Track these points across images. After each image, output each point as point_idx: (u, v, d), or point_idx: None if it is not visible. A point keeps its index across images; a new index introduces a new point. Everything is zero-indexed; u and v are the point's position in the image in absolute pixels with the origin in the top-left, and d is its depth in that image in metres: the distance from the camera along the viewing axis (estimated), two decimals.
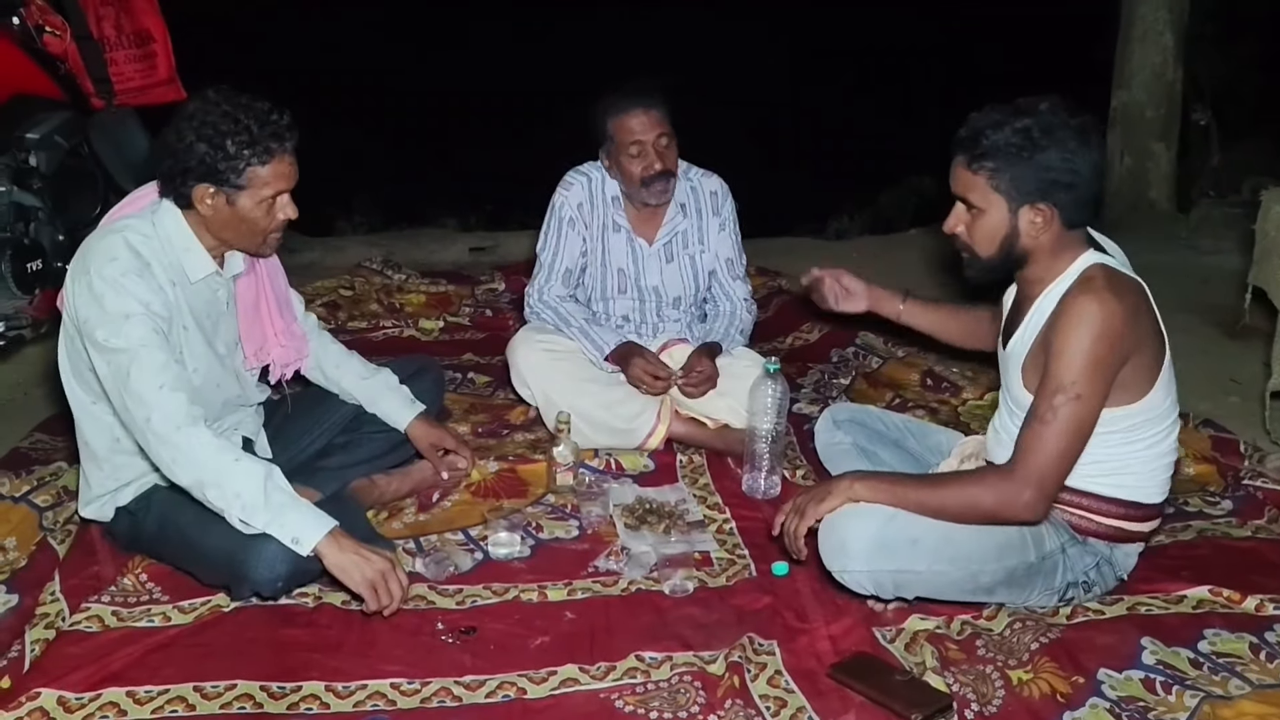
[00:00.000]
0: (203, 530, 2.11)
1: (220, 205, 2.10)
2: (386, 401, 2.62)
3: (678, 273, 3.08)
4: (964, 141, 1.99)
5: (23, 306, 3.35)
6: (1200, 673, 1.94)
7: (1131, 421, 2.01)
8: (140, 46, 3.80)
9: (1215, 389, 3.40)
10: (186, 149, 2.05)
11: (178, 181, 2.09)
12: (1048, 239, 1.98)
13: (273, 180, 2.11)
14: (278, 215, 2.16)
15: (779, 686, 1.94)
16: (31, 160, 3.43)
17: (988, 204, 1.99)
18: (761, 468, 2.68)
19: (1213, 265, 4.72)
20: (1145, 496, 2.09)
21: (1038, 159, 1.91)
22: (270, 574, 2.07)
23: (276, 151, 2.09)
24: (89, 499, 2.31)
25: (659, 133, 2.87)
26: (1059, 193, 1.93)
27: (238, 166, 2.06)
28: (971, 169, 1.98)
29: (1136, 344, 1.93)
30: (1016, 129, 1.92)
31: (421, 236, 5.37)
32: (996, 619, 2.10)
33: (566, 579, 2.32)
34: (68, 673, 1.93)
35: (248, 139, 2.05)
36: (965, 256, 2.10)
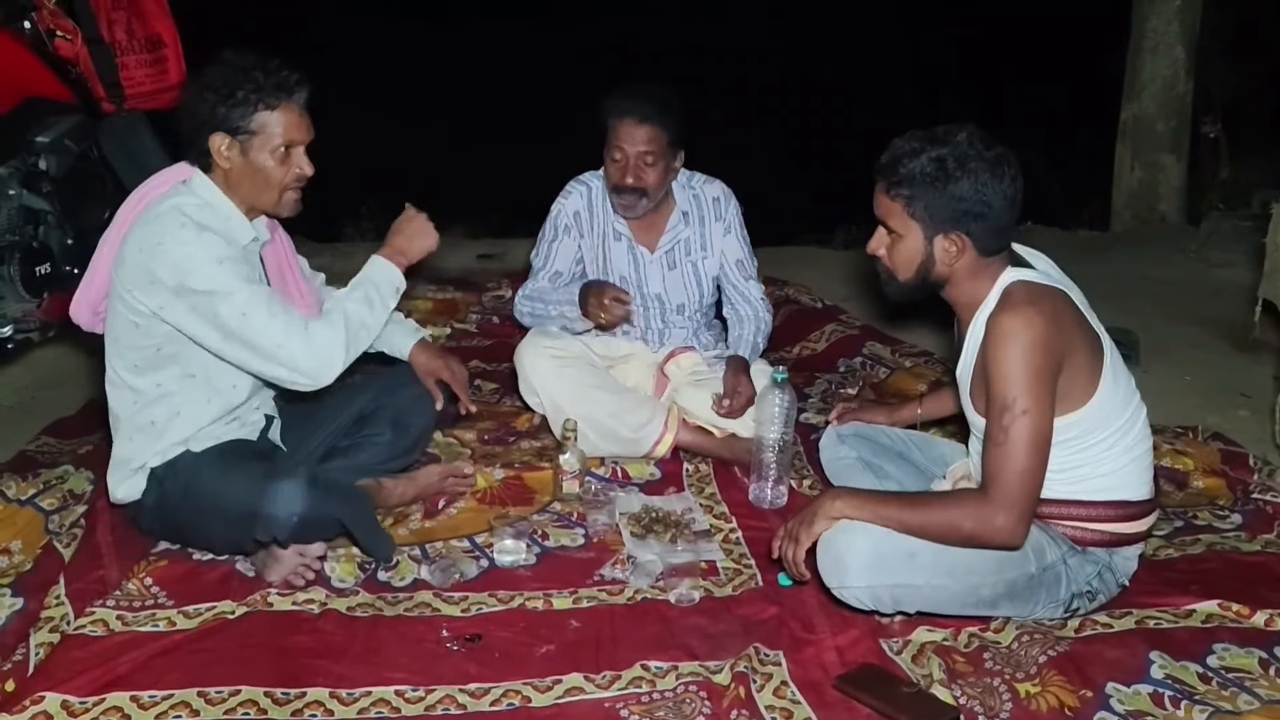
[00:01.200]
0: (226, 482, 2.20)
1: (235, 156, 2.20)
2: (389, 332, 2.62)
3: (680, 280, 3.06)
4: (883, 168, 2.02)
5: (31, 310, 3.37)
6: (1209, 687, 1.92)
7: (1085, 425, 2.01)
8: (151, 51, 3.81)
9: (1225, 402, 3.39)
10: (200, 103, 2.18)
11: (196, 138, 2.20)
12: (963, 265, 2.02)
13: (283, 128, 2.20)
14: (293, 168, 2.25)
15: (785, 697, 1.93)
16: (41, 164, 3.44)
17: (905, 230, 2.02)
18: (768, 477, 2.67)
19: (1223, 278, 4.70)
20: (1129, 494, 2.09)
21: (950, 189, 1.94)
22: (288, 509, 2.14)
23: (283, 99, 2.20)
24: (123, 475, 2.32)
25: (644, 149, 2.81)
26: (970, 222, 1.96)
27: (246, 111, 2.17)
28: (889, 195, 2.01)
29: (1068, 347, 1.94)
30: (932, 158, 1.94)
31: None
32: (1004, 631, 2.08)
33: (572, 587, 2.32)
34: (72, 677, 1.93)
35: (254, 86, 2.17)
36: (884, 279, 2.14)
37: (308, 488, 2.17)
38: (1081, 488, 2.07)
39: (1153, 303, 4.05)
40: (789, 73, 9.95)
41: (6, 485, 2.57)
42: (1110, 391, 2.01)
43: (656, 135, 2.81)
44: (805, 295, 4.30)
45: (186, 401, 2.28)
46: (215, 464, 2.25)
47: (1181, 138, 5.87)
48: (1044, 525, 2.08)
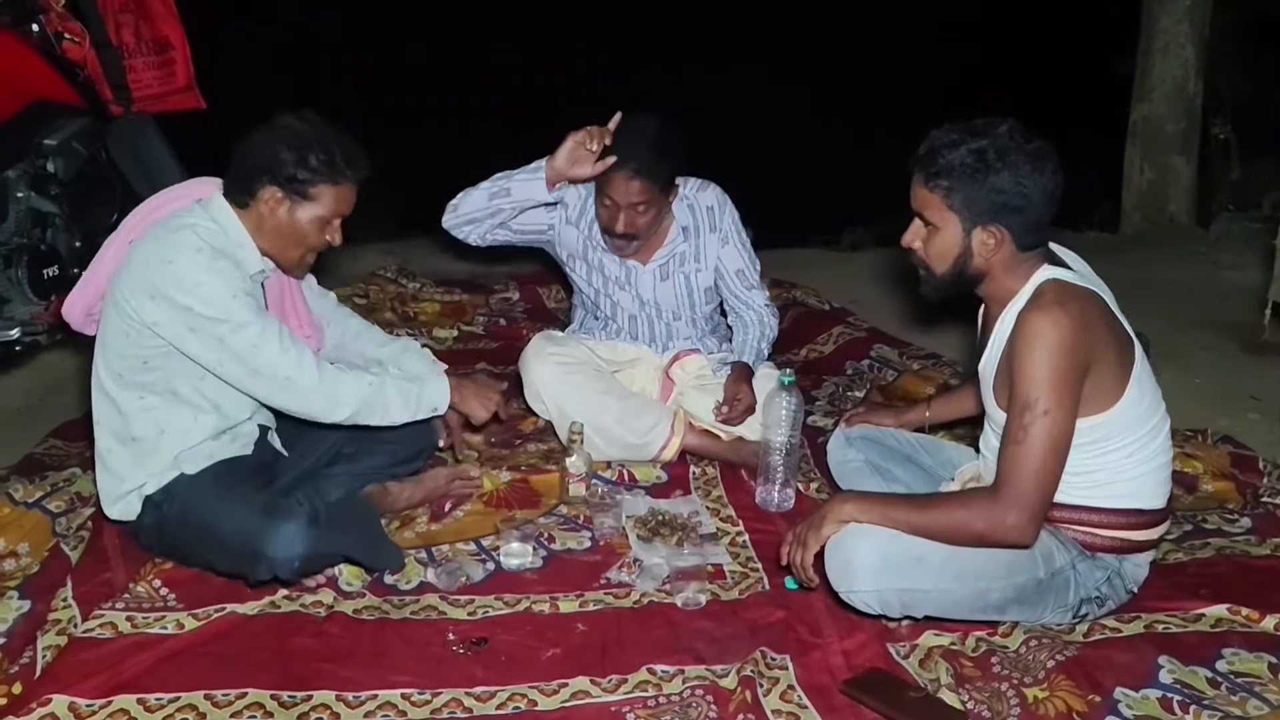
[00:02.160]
0: (225, 513, 2.17)
1: (281, 211, 2.22)
2: (410, 363, 2.65)
3: (672, 290, 3.01)
4: (921, 159, 2.00)
5: (38, 313, 3.37)
6: (1218, 692, 1.91)
7: (1109, 429, 1.99)
8: (159, 54, 3.81)
9: (1235, 405, 3.37)
10: (271, 152, 2.18)
11: (251, 179, 2.20)
12: (1000, 260, 2.00)
13: (336, 203, 2.24)
14: (326, 236, 2.28)
15: (792, 701, 1.92)
16: (49, 167, 3.45)
17: (943, 222, 2.00)
18: (775, 480, 2.66)
19: (1232, 281, 4.68)
20: (1145, 502, 2.08)
21: (990, 181, 1.93)
22: (288, 552, 2.12)
23: (348, 179, 2.24)
24: (115, 495, 2.31)
25: (635, 201, 2.74)
26: (1009, 215, 1.95)
27: (313, 180, 2.20)
28: (927, 186, 2.00)
29: (1096, 351, 1.93)
30: (972, 150, 1.93)
31: (436, 245, 5.37)
32: (1012, 636, 2.08)
33: (578, 590, 2.31)
34: (79, 679, 1.93)
35: (328, 159, 2.20)
36: (921, 273, 2.12)
37: (308, 528, 2.15)
38: (1098, 493, 2.05)
39: (1162, 305, 4.03)
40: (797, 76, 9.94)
41: (14, 488, 2.57)
42: (1136, 398, 2.00)
43: (648, 187, 2.73)
44: (813, 298, 4.29)
45: (171, 418, 2.26)
46: (213, 491, 2.23)
47: (1192, 139, 5.85)
48: (1054, 530, 2.07)
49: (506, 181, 2.81)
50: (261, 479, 2.41)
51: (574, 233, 2.98)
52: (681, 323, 3.07)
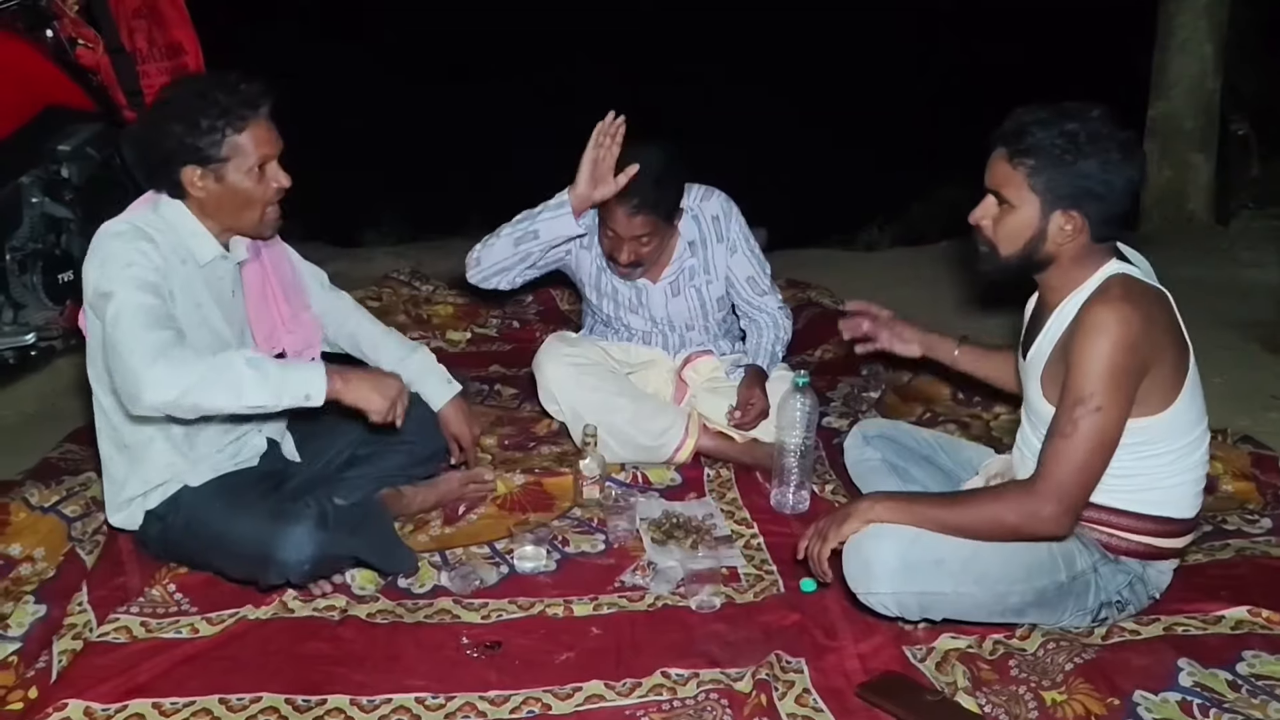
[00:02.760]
0: (232, 521, 2.15)
1: (210, 185, 2.13)
2: (424, 382, 2.64)
3: (684, 305, 3.00)
4: (1008, 134, 1.95)
5: (54, 318, 3.39)
6: (1239, 695, 1.89)
7: (1155, 433, 1.97)
8: (172, 59, 3.83)
9: (1255, 405, 3.34)
10: (164, 136, 2.09)
11: (166, 170, 2.13)
12: (1072, 248, 1.96)
13: (254, 146, 2.12)
14: (270, 184, 2.18)
15: (807, 705, 1.91)
16: (63, 172, 3.47)
17: (1020, 201, 1.95)
18: (790, 482, 2.65)
19: (1252, 279, 4.64)
20: (1177, 511, 2.05)
21: (1079, 165, 1.88)
22: (298, 555, 2.11)
23: (251, 117, 2.11)
24: (118, 504, 2.32)
25: (639, 234, 2.73)
26: (1090, 203, 1.91)
27: (216, 140, 2.09)
28: (1011, 163, 1.95)
29: (1156, 352, 1.90)
30: (1064, 131, 1.89)
31: (449, 247, 5.37)
32: (1030, 639, 2.06)
33: (592, 594, 2.31)
34: (95, 684, 1.93)
35: (219, 110, 2.07)
36: (983, 251, 2.07)
37: (317, 530, 2.13)
38: (1134, 497, 2.03)
39: (1182, 303, 3.94)
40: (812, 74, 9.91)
41: (30, 492, 2.58)
42: (1187, 405, 1.97)
43: (650, 221, 2.71)
44: (827, 298, 4.27)
45: (159, 423, 2.22)
46: (218, 503, 2.21)
47: (1210, 136, 5.80)
48: (1077, 532, 2.05)
49: (530, 224, 2.74)
50: (268, 485, 2.41)
51: (588, 257, 2.98)
52: (695, 331, 3.06)
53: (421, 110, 9.22)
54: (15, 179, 3.34)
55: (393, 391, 2.19)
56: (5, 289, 3.33)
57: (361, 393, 2.15)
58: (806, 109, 9.32)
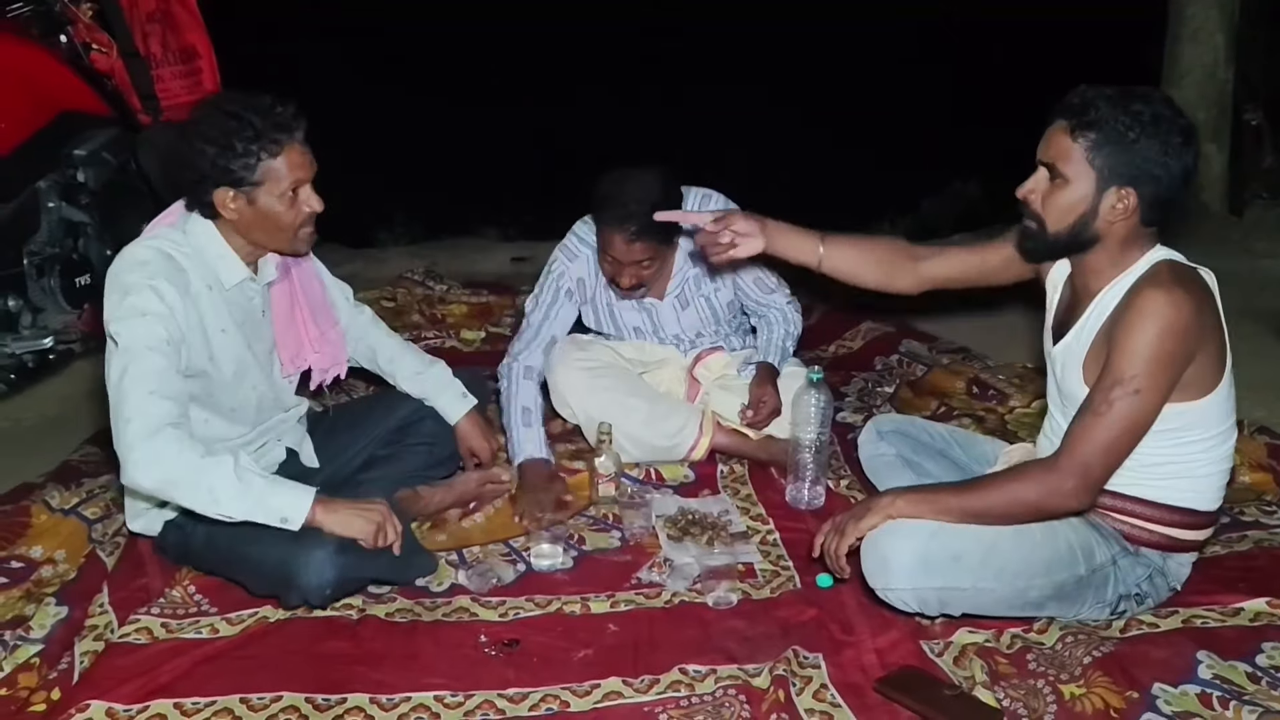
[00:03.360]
0: (252, 539, 2.13)
1: (242, 207, 2.12)
2: (440, 396, 2.65)
3: (696, 316, 2.99)
4: (1073, 107, 1.93)
5: (72, 321, 3.42)
6: (1259, 687, 1.88)
7: (1190, 419, 1.95)
8: (186, 63, 3.85)
9: (1271, 395, 3.31)
10: (197, 156, 2.08)
11: (198, 191, 2.12)
12: (1122, 228, 1.93)
13: (287, 171, 2.11)
14: (302, 208, 2.17)
15: (825, 700, 1.91)
16: (80, 176, 3.50)
17: (1077, 175, 1.92)
18: (805, 478, 2.65)
19: (1267, 269, 4.62)
20: (1202, 503, 2.04)
21: (1141, 145, 1.87)
22: (319, 580, 2.09)
23: (285, 141, 2.11)
24: (136, 512, 2.33)
25: (639, 259, 2.69)
26: (1145, 184, 1.89)
27: (250, 163, 2.08)
28: (1073, 136, 1.92)
29: (1202, 341, 1.88)
30: (1130, 110, 1.87)
31: (462, 247, 5.39)
32: (1048, 632, 2.06)
33: (609, 591, 2.31)
34: (116, 685, 1.95)
35: (253, 134, 2.07)
36: (1029, 227, 2.03)
37: (339, 555, 2.10)
38: (1161, 487, 2.01)
39: None
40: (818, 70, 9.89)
41: (50, 495, 2.60)
42: (1224, 395, 1.97)
43: (649, 246, 2.69)
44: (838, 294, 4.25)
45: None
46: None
47: (1223, 126, 5.77)
48: (1095, 523, 2.05)
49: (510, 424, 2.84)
50: None
51: (590, 309, 3.00)
52: (704, 338, 3.06)
53: (435, 110, 9.23)
54: (32, 184, 3.37)
55: (378, 517, 2.14)
56: (24, 293, 3.36)
57: (344, 521, 2.11)
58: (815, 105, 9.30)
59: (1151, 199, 1.90)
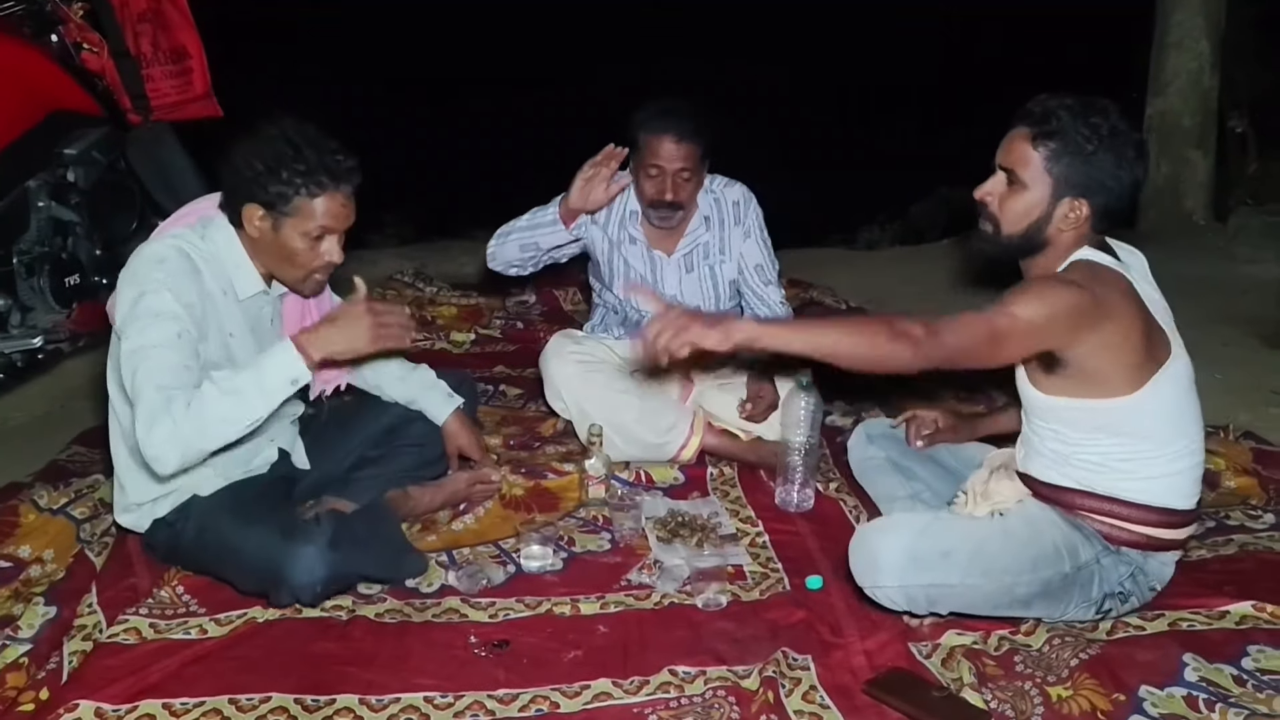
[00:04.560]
0: (242, 537, 2.14)
1: (266, 229, 2.12)
2: (426, 398, 2.66)
3: (697, 283, 3.04)
4: (1033, 116, 1.99)
5: (60, 320, 3.40)
6: (1244, 690, 1.90)
7: (1125, 415, 1.98)
8: (176, 63, 3.85)
9: (1256, 400, 3.35)
10: (245, 165, 2.08)
11: (233, 197, 2.13)
12: (1070, 235, 2.00)
13: (320, 216, 2.11)
14: (321, 256, 2.16)
15: (814, 702, 1.92)
16: (69, 176, 3.48)
17: (1034, 182, 1.99)
18: (795, 480, 2.66)
19: (1251, 275, 4.66)
20: (1176, 502, 2.06)
21: (1098, 156, 1.93)
22: (309, 577, 2.10)
23: (329, 187, 2.10)
24: (125, 506, 2.32)
25: (682, 166, 2.81)
26: (1097, 194, 1.96)
27: (287, 193, 2.08)
28: (1033, 143, 1.98)
29: (1098, 323, 1.90)
30: (1090, 123, 1.93)
31: (452, 249, 5.39)
32: (1035, 634, 2.07)
33: (599, 592, 2.32)
34: (105, 685, 1.94)
35: (304, 168, 2.06)
36: (984, 229, 2.09)
37: (329, 552, 2.11)
38: (1125, 486, 2.04)
39: (1181, 299, 3.95)
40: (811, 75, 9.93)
41: (38, 494, 2.59)
42: (1162, 390, 1.98)
43: (693, 152, 2.81)
44: (829, 297, 4.28)
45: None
46: (230, 514, 2.19)
47: (1208, 133, 5.81)
48: (1078, 523, 2.07)
49: (532, 235, 2.94)
50: (278, 493, 2.40)
51: (600, 235, 3.01)
52: None
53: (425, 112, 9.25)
54: (22, 183, 3.35)
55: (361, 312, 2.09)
56: (13, 292, 3.35)
57: (333, 335, 2.08)
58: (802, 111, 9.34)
59: (1102, 209, 1.98)
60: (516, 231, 2.95)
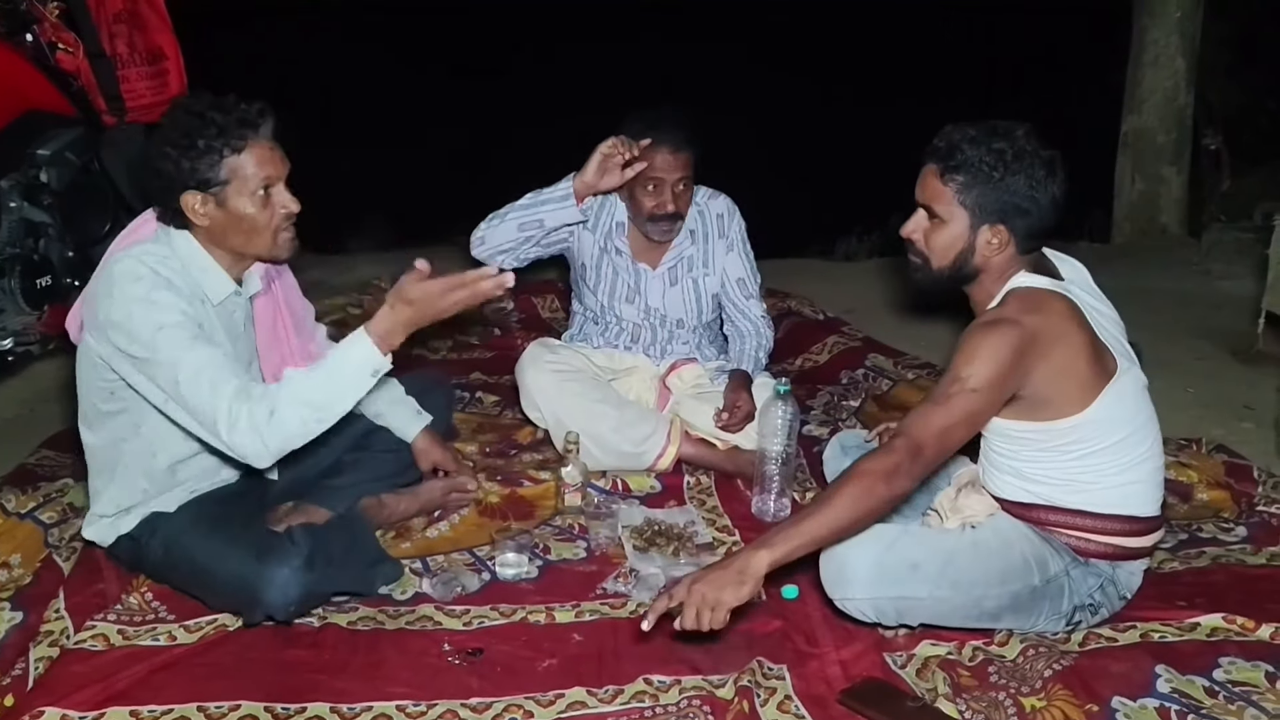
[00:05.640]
0: (214, 557, 2.11)
1: (213, 211, 2.06)
2: (393, 414, 2.63)
3: (680, 296, 3.04)
4: (939, 151, 2.02)
5: (31, 323, 3.36)
6: (1216, 701, 1.91)
7: (1084, 432, 1.99)
8: (152, 64, 3.81)
9: (1228, 415, 3.38)
10: (162, 159, 2.02)
11: (167, 198, 2.06)
12: (999, 260, 2.02)
13: (256, 168, 2.04)
14: (277, 209, 2.10)
15: (789, 712, 1.92)
16: (42, 176, 3.44)
17: (950, 216, 2.02)
18: (771, 490, 2.66)
19: (1225, 290, 4.70)
20: (1138, 509, 2.07)
21: (1006, 182, 1.95)
22: (283, 598, 2.07)
23: (250, 138, 2.03)
24: (91, 519, 2.29)
25: (680, 176, 2.83)
26: (1016, 218, 1.98)
27: (213, 160, 2.01)
28: (942, 179, 2.01)
29: (1047, 356, 1.91)
30: (992, 149, 1.96)
31: (431, 254, 5.36)
32: (1009, 645, 2.07)
33: (574, 600, 2.31)
34: (72, 691, 1.92)
35: (216, 130, 2.00)
36: (915, 262, 2.12)
37: (304, 572, 2.07)
38: (1085, 499, 2.06)
39: (1154, 314, 4.03)
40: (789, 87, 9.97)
41: (6, 498, 2.56)
42: (1113, 402, 1.99)
43: (689, 160, 2.83)
44: (807, 307, 4.29)
45: (135, 450, 2.18)
46: (198, 531, 2.14)
47: (1183, 150, 5.87)
48: (1047, 536, 2.08)
49: (535, 212, 2.82)
50: (250, 506, 2.36)
51: (590, 240, 3.01)
52: (684, 330, 3.08)
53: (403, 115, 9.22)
54: None
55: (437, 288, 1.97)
56: None
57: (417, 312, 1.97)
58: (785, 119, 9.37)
59: (1025, 231, 1.99)
60: (516, 210, 2.83)
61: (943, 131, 2.04)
